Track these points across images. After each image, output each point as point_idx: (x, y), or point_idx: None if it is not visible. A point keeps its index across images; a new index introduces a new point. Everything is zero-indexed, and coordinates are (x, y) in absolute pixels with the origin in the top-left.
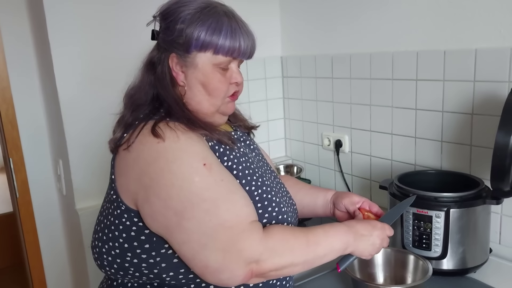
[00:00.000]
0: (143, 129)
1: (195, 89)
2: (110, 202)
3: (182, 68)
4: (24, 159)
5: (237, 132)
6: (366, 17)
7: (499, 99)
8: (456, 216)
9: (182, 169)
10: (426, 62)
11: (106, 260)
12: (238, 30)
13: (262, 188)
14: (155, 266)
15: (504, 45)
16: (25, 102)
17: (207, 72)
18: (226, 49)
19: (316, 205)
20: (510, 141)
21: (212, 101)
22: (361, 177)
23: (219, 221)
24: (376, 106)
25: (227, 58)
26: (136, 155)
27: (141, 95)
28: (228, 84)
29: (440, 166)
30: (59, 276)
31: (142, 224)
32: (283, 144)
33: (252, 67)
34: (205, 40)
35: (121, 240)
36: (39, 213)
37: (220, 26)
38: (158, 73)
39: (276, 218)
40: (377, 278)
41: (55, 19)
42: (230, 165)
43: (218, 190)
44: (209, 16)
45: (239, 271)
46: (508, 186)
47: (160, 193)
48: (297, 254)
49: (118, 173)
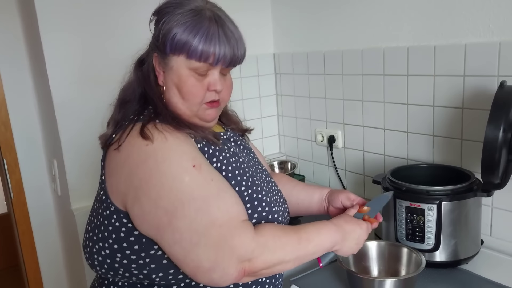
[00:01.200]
0: (132, 130)
1: (171, 91)
2: (100, 202)
3: (163, 68)
4: (18, 160)
5: (227, 132)
6: (357, 13)
7: (489, 93)
8: (448, 209)
9: (172, 169)
10: (417, 57)
11: (96, 260)
12: (216, 36)
13: (252, 188)
14: (145, 267)
15: (493, 39)
16: (18, 103)
17: (181, 75)
18: (199, 54)
19: (312, 201)
20: (499, 135)
21: (187, 105)
22: (354, 172)
23: (211, 219)
24: (368, 101)
25: (201, 64)
26: (125, 156)
27: (129, 92)
28: (205, 91)
29: (432, 160)
30: (55, 277)
31: (131, 226)
32: (276, 141)
33: (245, 65)
34: (178, 43)
35: (110, 241)
36: (34, 213)
37: (197, 29)
38: (144, 71)
39: (266, 218)
40: (372, 271)
41: (47, 18)
42: (219, 166)
43: (208, 188)
44: (189, 18)
45: (231, 269)
46: (498, 178)
47: (150, 193)
48: (288, 251)
49: (108, 174)
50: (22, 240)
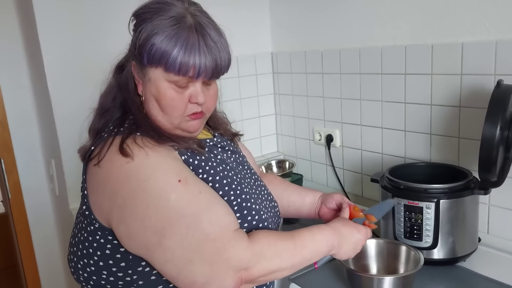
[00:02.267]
0: (112, 146)
1: (150, 103)
2: (83, 216)
3: (141, 78)
4: (16, 160)
5: (213, 139)
6: (355, 12)
7: (486, 91)
8: (446, 207)
9: (156, 187)
10: (414, 56)
11: (82, 276)
12: (196, 47)
13: (241, 197)
14: (132, 283)
15: (489, 38)
16: (15, 103)
17: (160, 87)
18: (177, 67)
19: (303, 203)
20: (496, 133)
21: (166, 117)
22: (352, 171)
23: (203, 234)
24: (366, 100)
25: (180, 77)
26: (106, 174)
27: (109, 99)
28: (186, 103)
29: (430, 159)
30: (53, 277)
31: (117, 242)
32: (274, 140)
33: (243, 64)
34: (155, 54)
35: (95, 258)
36: (32, 213)
37: (175, 40)
38: (123, 78)
39: (257, 226)
40: (371, 269)
41: (45, 18)
42: (205, 177)
43: (197, 203)
44: (168, 28)
45: (228, 281)
46: (495, 176)
47: (136, 214)
48: (285, 258)
49: (90, 190)
50: (20, 240)
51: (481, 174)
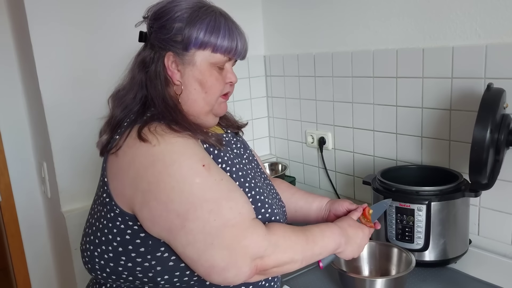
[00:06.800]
0: (132, 132)
1: (191, 87)
2: (102, 205)
3: (179, 66)
4: (7, 162)
5: (228, 134)
6: (347, 16)
7: (476, 95)
8: (437, 209)
9: (182, 172)
10: (406, 60)
11: (98, 264)
12: (235, 30)
13: (255, 190)
14: (150, 269)
15: (479, 42)
16: (7, 105)
17: (205, 70)
18: (224, 48)
19: (310, 208)
20: (487, 136)
21: (208, 99)
22: (344, 173)
23: (223, 220)
24: (358, 103)
25: (224, 58)
26: (130, 159)
27: (130, 96)
28: (224, 83)
29: (421, 161)
30: (44, 280)
31: (137, 228)
32: (267, 142)
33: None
34: (204, 38)
35: (115, 244)
36: (23, 216)
37: (218, 25)
38: (151, 72)
39: (269, 219)
40: (363, 271)
41: (37, 20)
42: (224, 167)
43: (219, 189)
44: (206, 15)
45: (245, 268)
46: (485, 179)
47: (160, 196)
48: (298, 251)
49: (111, 177)
50: (10, 243)
51: (471, 177)
